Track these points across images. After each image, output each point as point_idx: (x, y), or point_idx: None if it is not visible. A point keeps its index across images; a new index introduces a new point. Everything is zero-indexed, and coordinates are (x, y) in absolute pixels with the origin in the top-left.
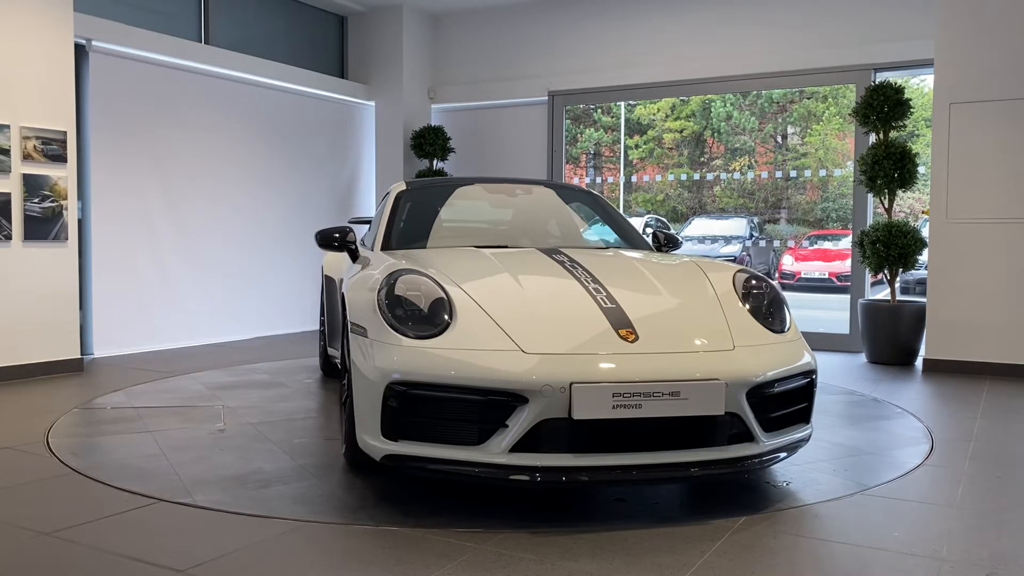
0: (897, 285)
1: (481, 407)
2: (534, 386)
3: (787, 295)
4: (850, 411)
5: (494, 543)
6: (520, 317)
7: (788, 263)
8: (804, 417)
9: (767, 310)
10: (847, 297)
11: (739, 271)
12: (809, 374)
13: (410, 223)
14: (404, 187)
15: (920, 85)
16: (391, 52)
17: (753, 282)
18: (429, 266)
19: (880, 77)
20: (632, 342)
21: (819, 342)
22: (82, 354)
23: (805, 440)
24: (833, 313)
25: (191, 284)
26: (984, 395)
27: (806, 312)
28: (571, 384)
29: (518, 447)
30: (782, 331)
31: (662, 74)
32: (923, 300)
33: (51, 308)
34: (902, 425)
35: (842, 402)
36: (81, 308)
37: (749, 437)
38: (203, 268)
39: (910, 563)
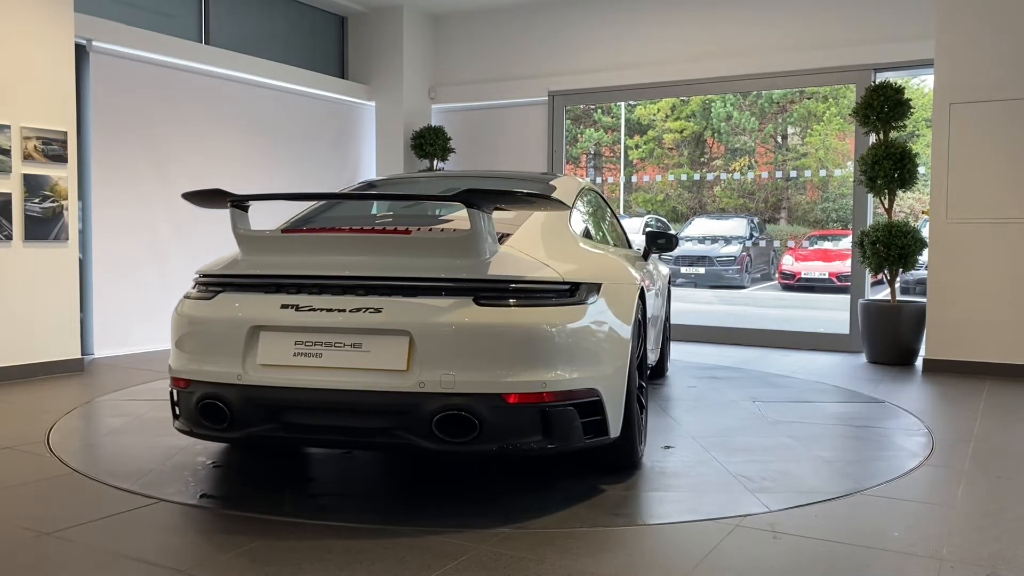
0: (897, 285)
1: None
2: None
3: (788, 295)
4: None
5: (494, 543)
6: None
7: (788, 263)
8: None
9: None
10: (847, 297)
11: None
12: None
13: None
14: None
15: (920, 85)
16: (391, 52)
17: None
18: None
19: (880, 77)
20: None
21: (819, 342)
22: (82, 354)
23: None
24: (833, 313)
25: (191, 284)
26: (984, 395)
27: (806, 312)
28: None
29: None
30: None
31: (662, 74)
32: (923, 300)
33: (51, 308)
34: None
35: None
36: (81, 308)
37: None
38: None
39: (910, 563)
